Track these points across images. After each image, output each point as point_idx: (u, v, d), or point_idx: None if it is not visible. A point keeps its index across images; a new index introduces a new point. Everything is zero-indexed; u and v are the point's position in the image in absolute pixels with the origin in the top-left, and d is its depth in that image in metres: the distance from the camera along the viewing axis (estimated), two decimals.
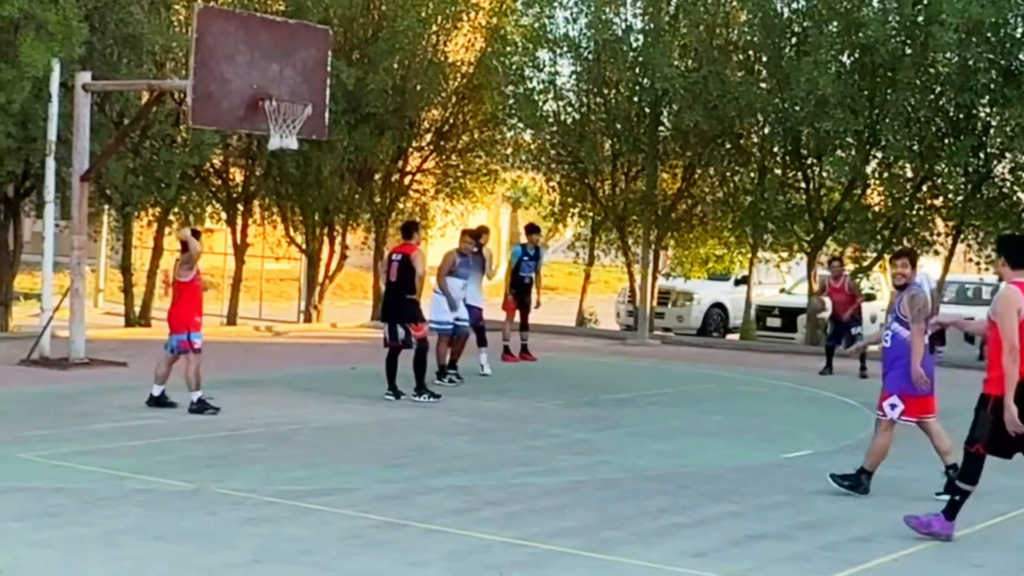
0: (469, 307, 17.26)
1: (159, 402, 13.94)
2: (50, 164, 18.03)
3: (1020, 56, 23.39)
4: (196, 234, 14.42)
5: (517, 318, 20.61)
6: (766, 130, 25.92)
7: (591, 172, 26.88)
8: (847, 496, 10.77)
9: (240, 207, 25.82)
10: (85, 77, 17.74)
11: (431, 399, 15.20)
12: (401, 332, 15.39)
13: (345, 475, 10.88)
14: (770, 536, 9.34)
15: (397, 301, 15.53)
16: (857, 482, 10.91)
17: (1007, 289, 9.23)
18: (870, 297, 24.38)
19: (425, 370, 15.37)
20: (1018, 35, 23.36)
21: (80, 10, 19.42)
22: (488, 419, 14.40)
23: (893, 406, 10.72)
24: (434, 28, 26.34)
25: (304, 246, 26.98)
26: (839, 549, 9.05)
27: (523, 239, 21.30)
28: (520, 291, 20.44)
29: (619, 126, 26.34)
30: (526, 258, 20.24)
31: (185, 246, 14.13)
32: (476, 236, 17.92)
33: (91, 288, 23.19)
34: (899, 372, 10.70)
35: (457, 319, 16.90)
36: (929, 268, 23.94)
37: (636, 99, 26.27)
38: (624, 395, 17.32)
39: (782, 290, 29.25)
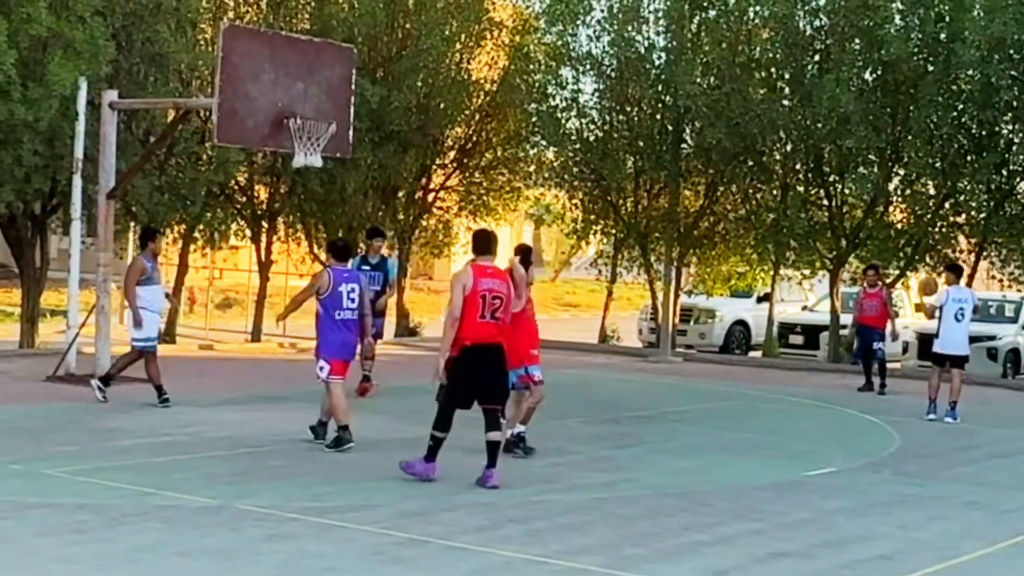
0: None
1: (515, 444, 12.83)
2: (77, 182, 18.13)
3: None
4: (527, 256, 12.80)
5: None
6: (788, 147, 25.94)
7: (614, 189, 26.92)
8: (869, 514, 10.77)
9: (264, 224, 25.93)
10: (112, 95, 17.84)
11: None
12: None
13: (367, 492, 10.92)
14: (792, 554, 9.33)
15: None
16: (339, 440, 12.63)
17: (462, 269, 11.23)
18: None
19: None
20: None
21: (107, 29, 19.59)
22: None
23: (321, 368, 12.75)
24: (458, 46, 26.49)
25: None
26: (861, 567, 9.04)
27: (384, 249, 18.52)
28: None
29: (642, 143, 26.38)
30: (365, 268, 16.78)
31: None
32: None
33: (116, 305, 23.25)
34: (321, 340, 12.95)
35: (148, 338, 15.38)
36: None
37: (659, 116, 26.33)
38: (646, 412, 17.31)
39: (804, 307, 29.22)
